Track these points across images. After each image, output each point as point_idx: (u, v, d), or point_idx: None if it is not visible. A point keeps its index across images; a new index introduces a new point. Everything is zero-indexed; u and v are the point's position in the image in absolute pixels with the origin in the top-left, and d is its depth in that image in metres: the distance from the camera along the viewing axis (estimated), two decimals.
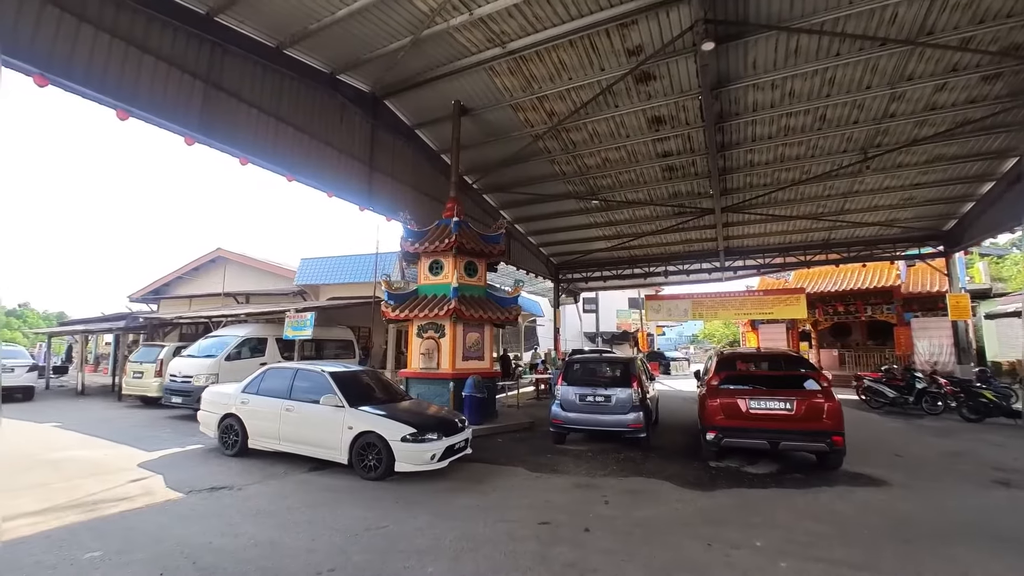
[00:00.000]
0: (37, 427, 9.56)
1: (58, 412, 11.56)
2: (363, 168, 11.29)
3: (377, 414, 6.34)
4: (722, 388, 6.74)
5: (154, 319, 15.90)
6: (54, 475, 6.10)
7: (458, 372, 9.42)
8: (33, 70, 6.34)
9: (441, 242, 9.82)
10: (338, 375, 7.06)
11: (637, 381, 7.73)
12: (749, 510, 5.02)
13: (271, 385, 7.30)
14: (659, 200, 14.51)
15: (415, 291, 10.33)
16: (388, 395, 7.51)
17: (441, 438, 6.17)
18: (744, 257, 18.53)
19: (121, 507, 4.92)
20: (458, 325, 9.58)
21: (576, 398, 7.89)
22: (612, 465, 6.92)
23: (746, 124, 10.63)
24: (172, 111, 7.79)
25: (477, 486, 5.85)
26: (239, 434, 7.17)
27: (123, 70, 7.24)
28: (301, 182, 9.84)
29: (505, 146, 12.34)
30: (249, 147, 8.85)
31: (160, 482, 5.81)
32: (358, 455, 6.15)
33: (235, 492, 5.46)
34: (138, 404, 12.82)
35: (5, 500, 5.11)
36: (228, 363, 11.44)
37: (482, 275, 10.53)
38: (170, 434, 8.85)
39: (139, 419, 10.70)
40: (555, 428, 8.09)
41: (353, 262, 17.36)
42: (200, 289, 21.34)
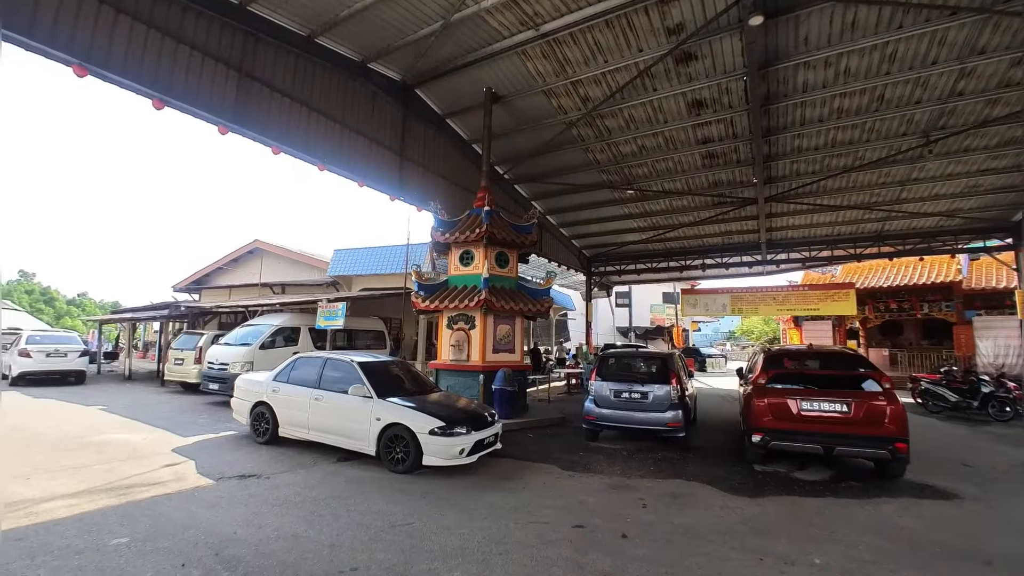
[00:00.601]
0: (85, 410, 9.94)
1: (105, 396, 12.04)
2: (394, 157, 11.20)
3: (405, 406, 6.20)
4: (770, 387, 6.28)
5: (194, 308, 16.41)
6: (94, 457, 6.24)
7: (488, 365, 9.24)
8: (73, 60, 6.44)
9: (472, 232, 9.62)
10: (367, 365, 6.97)
11: (676, 378, 7.33)
12: (802, 521, 4.61)
13: (301, 374, 7.28)
14: (698, 189, 13.88)
15: (445, 282, 10.18)
16: (417, 387, 7.38)
17: (470, 432, 5.97)
18: (788, 250, 17.60)
19: (152, 492, 4.95)
20: (488, 317, 9.38)
21: (611, 394, 7.55)
22: (649, 465, 6.58)
23: (795, 106, 9.94)
24: (207, 100, 7.83)
25: (507, 483, 5.63)
26: (270, 422, 7.19)
27: (159, 60, 7.30)
28: (332, 171, 9.82)
29: (537, 134, 12.01)
30: (282, 136, 8.86)
31: (192, 468, 5.85)
32: (386, 447, 6.03)
33: (263, 481, 5.42)
34: (179, 390, 13.23)
35: (45, 481, 5.23)
36: (262, 351, 11.62)
37: (513, 266, 10.29)
38: (206, 420, 9.02)
39: (179, 404, 11.00)
40: (588, 425, 7.78)
41: (385, 253, 17.43)
42: (239, 279, 21.97)
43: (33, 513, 4.32)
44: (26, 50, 6.24)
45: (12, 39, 6.08)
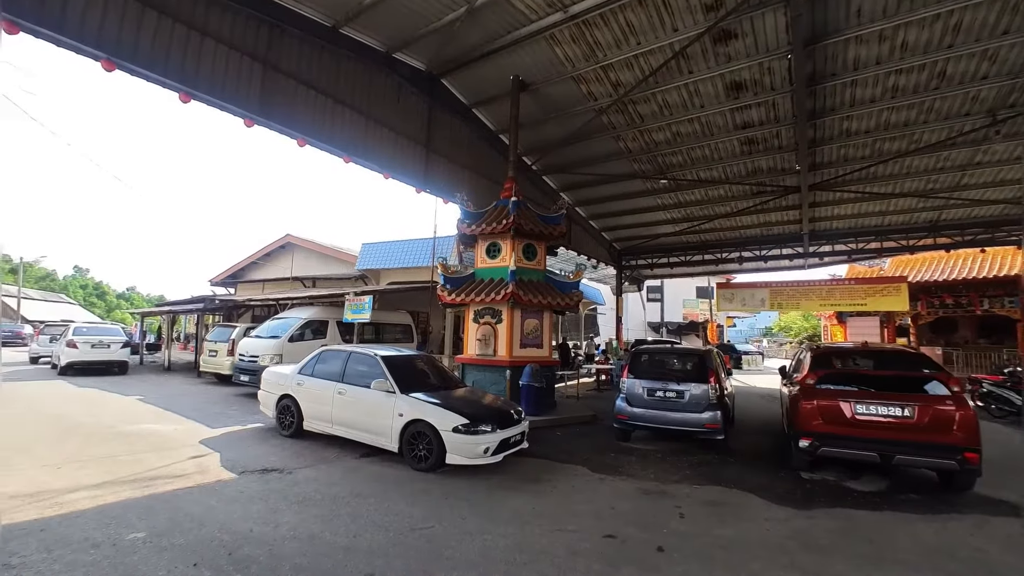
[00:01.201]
0: (122, 399, 10.22)
1: (144, 386, 12.41)
2: (419, 149, 11.06)
3: (429, 402, 6.01)
4: (820, 388, 5.77)
5: (228, 301, 16.79)
6: (123, 447, 6.31)
7: (515, 360, 8.98)
8: (101, 55, 6.48)
9: (499, 223, 9.35)
10: (390, 359, 6.81)
11: (714, 376, 6.88)
12: (859, 538, 4.16)
13: (325, 367, 7.20)
14: (735, 178, 13.20)
15: (472, 275, 9.96)
16: (442, 382, 7.20)
17: (495, 430, 5.73)
18: (832, 241, 16.64)
19: (175, 485, 4.91)
20: (516, 310, 9.11)
21: (644, 392, 7.16)
22: (685, 469, 6.18)
23: (844, 86, 9.22)
24: (232, 93, 7.82)
25: (533, 485, 5.37)
26: (295, 415, 7.13)
27: (185, 53, 7.31)
28: (358, 163, 9.75)
29: (566, 123, 11.63)
30: (307, 128, 8.82)
31: (216, 460, 5.82)
32: (408, 444, 5.86)
33: (284, 476, 5.32)
34: (213, 381, 13.53)
35: (74, 470, 5.29)
36: (291, 344, 11.71)
37: (541, 258, 9.97)
38: (236, 411, 9.11)
39: (212, 395, 11.20)
40: (619, 424, 7.42)
41: (412, 246, 17.38)
42: (271, 273, 22.42)
43: (58, 504, 4.32)
44: (57, 45, 6.31)
45: (44, 35, 6.15)
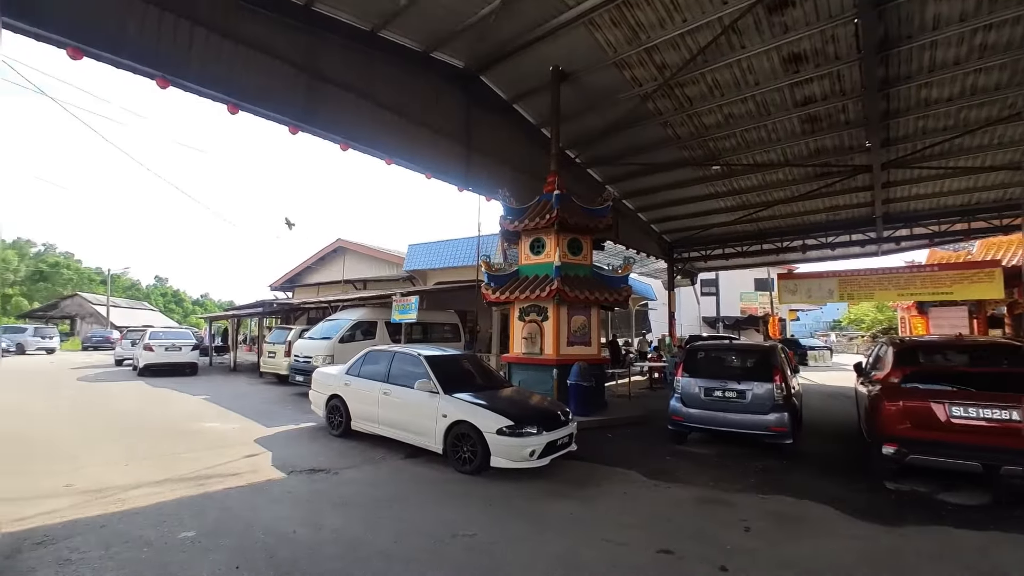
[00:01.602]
0: (190, 399, 10.83)
1: (210, 386, 13.14)
2: (460, 148, 10.98)
3: (473, 402, 5.86)
4: (907, 388, 5.12)
5: (285, 304, 17.52)
6: (185, 445, 6.61)
7: (562, 358, 8.70)
8: (157, 73, 6.77)
9: (542, 218, 9.10)
10: (434, 359, 6.74)
11: (779, 374, 6.31)
12: (963, 563, 3.59)
13: (371, 368, 7.24)
14: (796, 160, 12.25)
15: (516, 272, 9.78)
16: (487, 382, 7.05)
17: (541, 432, 5.50)
18: (910, 224, 15.14)
19: (227, 483, 5.03)
20: (562, 307, 8.83)
21: (700, 392, 6.69)
22: (748, 476, 5.69)
23: (921, 49, 8.25)
24: (277, 102, 8.00)
25: (581, 491, 5.09)
26: (343, 415, 7.22)
27: (232, 67, 7.52)
28: (399, 164, 9.78)
29: (609, 112, 11.20)
30: (349, 132, 8.91)
31: (267, 460, 5.95)
32: (452, 445, 5.74)
33: (330, 476, 5.35)
34: (273, 381, 14.13)
35: (139, 467, 5.56)
36: (342, 345, 12.00)
37: (587, 253, 9.63)
38: (291, 411, 9.39)
39: (270, 395, 11.67)
40: (674, 426, 6.99)
41: (456, 246, 17.46)
42: (325, 277, 23.27)
43: (120, 500, 4.52)
44: (116, 67, 6.66)
45: (105, 58, 6.50)
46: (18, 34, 5.95)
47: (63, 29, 6.08)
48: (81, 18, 6.22)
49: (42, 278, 58.60)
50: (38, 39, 6.04)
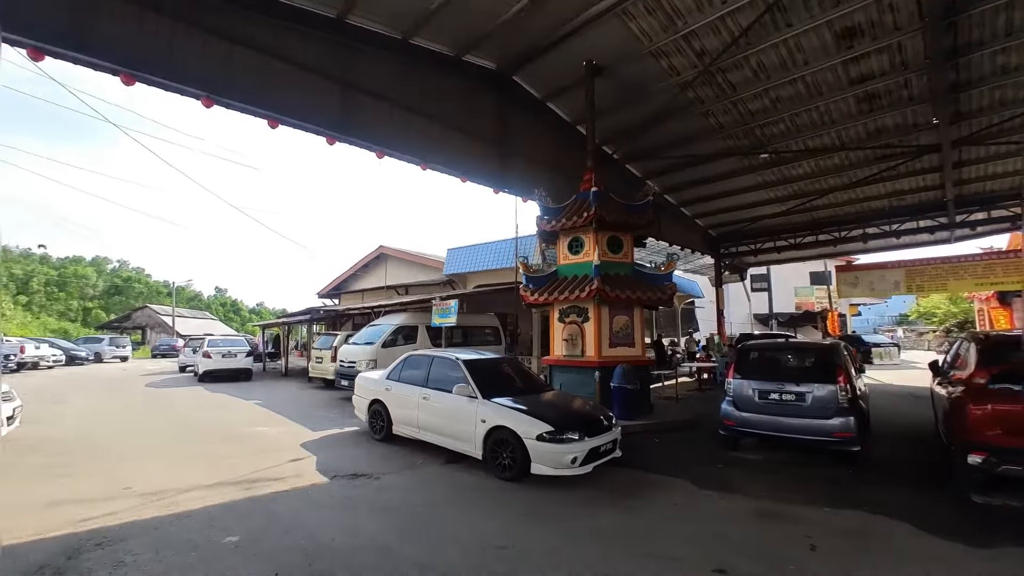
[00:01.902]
0: (244, 404, 11.29)
1: (262, 391, 13.68)
2: (494, 149, 10.92)
3: (512, 407, 5.72)
4: (996, 389, 4.55)
5: (330, 311, 18.05)
6: (236, 449, 6.84)
7: (605, 360, 8.42)
8: (202, 94, 7.05)
9: (580, 216, 8.87)
10: (472, 363, 6.66)
11: (843, 374, 5.80)
12: None
13: (410, 372, 7.25)
14: (853, 143, 11.43)
15: (554, 272, 9.58)
16: (528, 386, 6.90)
17: (583, 438, 5.29)
18: (987, 207, 13.80)
19: (273, 488, 5.13)
20: (603, 307, 8.55)
21: (754, 395, 6.26)
22: (811, 487, 5.24)
23: (995, 11, 7.44)
24: (315, 115, 8.18)
25: (626, 500, 4.84)
26: (385, 420, 7.26)
27: (271, 83, 7.73)
28: (434, 169, 9.80)
29: (647, 104, 10.84)
30: (384, 141, 9.00)
31: (312, 464, 6.05)
32: (492, 451, 5.63)
33: (371, 482, 5.35)
34: (320, 385, 14.54)
35: (193, 470, 5.79)
36: (384, 349, 12.17)
37: (628, 251, 9.30)
38: (336, 415, 9.59)
39: (317, 399, 12.00)
40: (726, 431, 6.58)
41: (495, 248, 17.42)
42: (369, 283, 23.85)
43: (174, 503, 4.68)
44: (166, 90, 6.99)
45: (155, 82, 6.84)
46: (78, 65, 6.34)
47: (117, 58, 6.42)
48: (133, 46, 6.55)
49: (117, 292, 63.58)
50: (95, 68, 6.40)
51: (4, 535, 3.93)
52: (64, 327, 46.32)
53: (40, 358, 21.21)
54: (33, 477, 5.53)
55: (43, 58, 6.06)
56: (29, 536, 3.93)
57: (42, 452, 6.68)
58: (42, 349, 21.91)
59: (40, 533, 3.98)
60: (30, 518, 4.32)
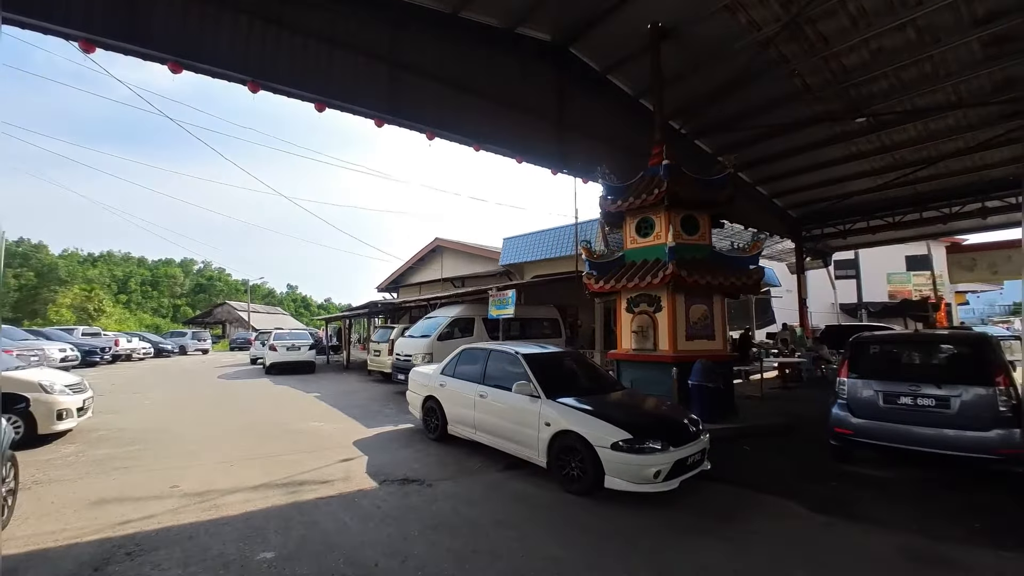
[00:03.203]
0: (303, 397, 11.31)
1: (323, 384, 13.78)
2: (551, 127, 10.20)
3: (580, 409, 4.98)
4: None
5: (388, 305, 18.04)
6: (289, 446, 6.59)
7: (681, 354, 7.45)
8: (247, 78, 6.85)
9: (649, 194, 7.91)
10: (533, 357, 5.98)
11: (1003, 374, 4.56)
12: None
13: (466, 367, 6.70)
14: (973, 98, 9.63)
15: (621, 257, 8.69)
16: (596, 384, 6.15)
17: (667, 448, 4.46)
18: None
19: (318, 493, 4.74)
20: (678, 295, 7.57)
21: (878, 398, 5.12)
22: (966, 517, 4.11)
23: None
24: (362, 96, 7.83)
25: (727, 527, 3.98)
26: (439, 418, 6.76)
27: (318, 66, 7.47)
28: (488, 150, 9.25)
29: (719, 69, 9.71)
30: (434, 121, 8.57)
31: (362, 466, 5.63)
32: (558, 459, 4.91)
33: (423, 489, 4.83)
34: (379, 379, 14.48)
35: (241, 469, 5.54)
36: (440, 343, 11.79)
37: (705, 231, 8.23)
38: (392, 411, 9.27)
39: (374, 393, 11.83)
40: (837, 440, 5.47)
41: (553, 236, 16.59)
42: (426, 276, 23.84)
43: (215, 506, 4.39)
44: (213, 76, 6.84)
45: (202, 69, 6.68)
46: (128, 55, 6.28)
47: (165, 47, 6.31)
48: (180, 35, 6.44)
49: (201, 290, 68.97)
50: (145, 58, 6.31)
51: (46, 537, 3.75)
52: (156, 322, 50.70)
53: (132, 351, 22.91)
54: (93, 470, 5.49)
55: (94, 50, 6.00)
56: (66, 539, 3.72)
57: (110, 443, 6.76)
58: (133, 342, 23.69)
59: (78, 536, 3.77)
60: (75, 516, 4.16)
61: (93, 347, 19.66)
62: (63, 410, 6.70)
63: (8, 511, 3.98)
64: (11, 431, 4.05)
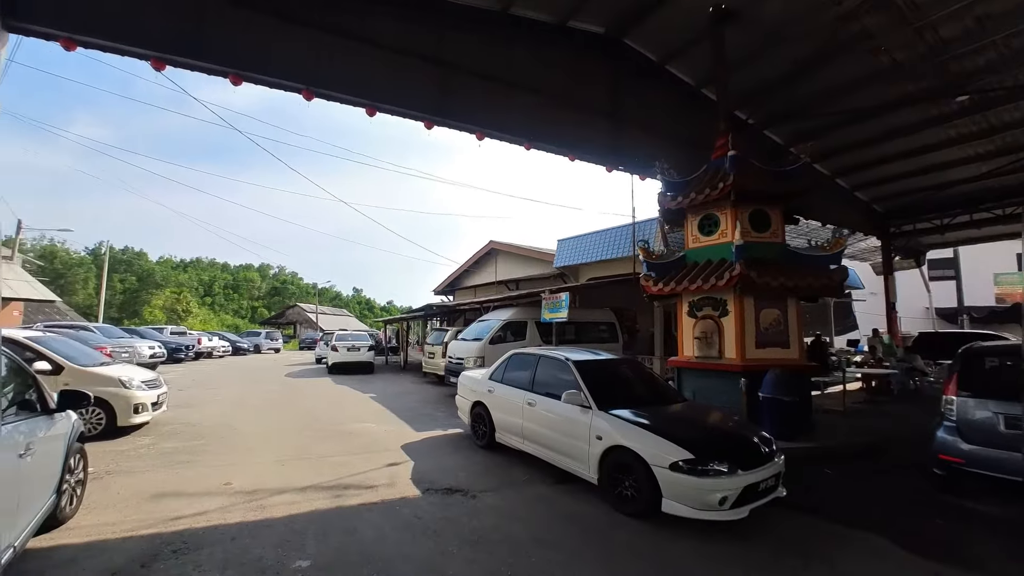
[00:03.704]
0: (360, 397, 11.55)
1: (379, 384, 14.05)
2: (605, 122, 9.80)
3: (635, 422, 4.57)
4: None
5: (443, 308, 18.21)
6: (340, 447, 6.64)
7: (751, 363, 6.76)
8: (302, 87, 7.03)
9: (713, 188, 7.29)
10: (584, 365, 5.63)
11: None
12: None
13: (514, 374, 6.45)
14: None
15: (682, 257, 8.10)
16: (653, 394, 5.69)
17: (735, 471, 3.96)
18: None
19: (361, 498, 4.66)
20: (747, 298, 6.89)
21: (998, 421, 4.29)
22: None
23: None
24: (412, 99, 7.85)
25: (805, 567, 3.43)
26: (487, 425, 6.55)
27: (369, 70, 7.55)
28: (539, 148, 9.01)
29: (791, 50, 8.94)
30: (484, 121, 8.45)
31: (407, 472, 5.52)
32: (610, 476, 4.53)
33: (466, 501, 4.61)
34: (433, 381, 14.58)
35: (293, 468, 5.62)
36: (492, 346, 11.64)
37: (777, 228, 7.47)
38: (443, 414, 9.21)
39: (427, 395, 11.87)
40: (942, 468, 4.68)
41: (609, 236, 16.02)
42: (480, 279, 23.93)
43: (262, 507, 4.42)
44: (269, 87, 7.08)
45: (259, 79, 6.93)
46: (194, 71, 6.61)
47: (227, 60, 6.59)
48: (240, 48, 6.70)
49: (276, 293, 73.78)
50: (209, 72, 6.61)
51: (105, 528, 3.90)
52: (236, 323, 54.77)
53: (212, 349, 24.74)
54: (159, 463, 5.76)
55: (164, 67, 6.35)
56: (123, 532, 3.84)
57: (180, 437, 7.13)
58: (214, 341, 25.59)
59: (133, 530, 3.88)
60: (134, 509, 4.32)
61: (179, 345, 21.40)
62: (139, 404, 7.16)
63: (77, 500, 4.20)
64: (80, 424, 4.25)
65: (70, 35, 5.92)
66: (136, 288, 51.28)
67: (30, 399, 3.49)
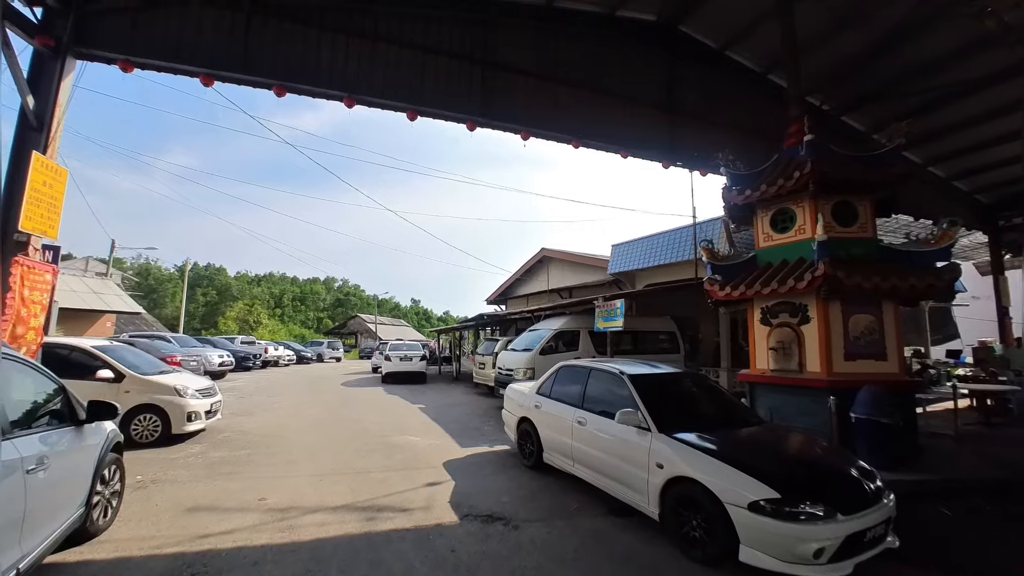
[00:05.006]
0: (409, 407, 11.38)
1: (430, 395, 13.87)
2: (660, 115, 9.17)
3: (703, 449, 3.89)
4: None
5: (494, 317, 17.91)
6: (380, 462, 6.36)
7: (838, 377, 5.82)
8: (344, 95, 6.97)
9: (787, 179, 6.43)
10: (641, 379, 5.00)
11: None
12: None
13: (563, 388, 5.91)
14: None
15: (752, 258, 7.24)
16: (724, 414, 4.95)
17: (834, 516, 3.19)
18: None
19: (394, 523, 4.29)
20: (833, 303, 5.96)
21: None
22: None
23: None
24: (453, 100, 7.64)
25: None
26: (534, 443, 6.03)
27: (410, 74, 7.46)
28: (588, 146, 8.56)
29: (873, 23, 8.04)
30: (529, 119, 8.10)
31: (446, 494, 5.11)
32: (673, 512, 3.87)
33: (507, 532, 4.12)
34: (484, 392, 14.23)
35: (330, 484, 5.39)
36: (543, 357, 11.12)
37: (866, 221, 6.45)
38: (490, 428, 8.79)
39: (477, 407, 11.51)
40: None
41: (668, 240, 15.04)
42: (532, 288, 23.48)
43: (291, 527, 4.17)
44: (313, 96, 7.07)
45: (304, 90, 6.95)
46: (241, 84, 6.71)
47: (271, 73, 6.66)
48: (287, 62, 6.76)
49: (340, 304, 77.13)
50: (255, 86, 6.71)
51: (134, 544, 3.78)
52: (303, 332, 57.63)
53: (278, 357, 25.87)
54: (202, 474, 5.72)
55: (212, 83, 6.49)
56: (149, 549, 3.70)
57: (229, 446, 7.16)
58: (280, 350, 26.77)
59: (158, 547, 3.73)
60: (168, 524, 4.20)
61: (247, 354, 22.49)
62: (192, 412, 7.28)
63: (113, 512, 4.12)
64: (117, 435, 4.18)
65: (127, 57, 6.17)
66: (216, 301, 55.35)
67: (58, 410, 3.42)
